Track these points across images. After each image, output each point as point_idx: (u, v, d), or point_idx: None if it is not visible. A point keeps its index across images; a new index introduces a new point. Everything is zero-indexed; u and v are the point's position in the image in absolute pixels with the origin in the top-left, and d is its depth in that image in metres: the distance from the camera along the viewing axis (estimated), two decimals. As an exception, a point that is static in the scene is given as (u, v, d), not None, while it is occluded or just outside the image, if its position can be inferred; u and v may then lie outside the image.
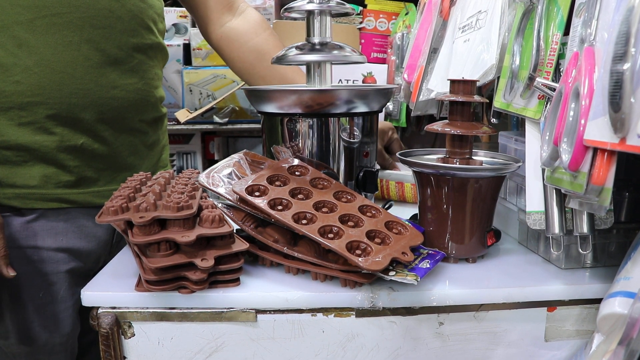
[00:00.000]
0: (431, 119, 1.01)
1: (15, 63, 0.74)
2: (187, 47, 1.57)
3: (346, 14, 0.79)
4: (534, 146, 0.60)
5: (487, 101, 0.71)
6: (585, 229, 0.54)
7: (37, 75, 0.75)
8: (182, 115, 1.49)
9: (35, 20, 0.74)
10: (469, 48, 0.75)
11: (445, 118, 0.69)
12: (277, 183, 0.67)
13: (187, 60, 1.57)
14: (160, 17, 0.92)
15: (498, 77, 0.68)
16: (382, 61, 1.36)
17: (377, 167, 0.86)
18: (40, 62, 0.75)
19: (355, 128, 0.75)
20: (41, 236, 0.79)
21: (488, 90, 0.81)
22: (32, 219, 0.78)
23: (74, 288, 0.81)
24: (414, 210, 0.72)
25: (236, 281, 0.59)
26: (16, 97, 0.75)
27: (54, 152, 0.78)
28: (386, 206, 0.87)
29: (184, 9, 1.34)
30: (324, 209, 0.63)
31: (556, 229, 0.57)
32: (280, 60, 0.77)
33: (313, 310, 0.58)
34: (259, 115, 0.80)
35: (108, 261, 0.70)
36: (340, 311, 0.58)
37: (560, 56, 0.58)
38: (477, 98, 0.65)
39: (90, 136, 0.81)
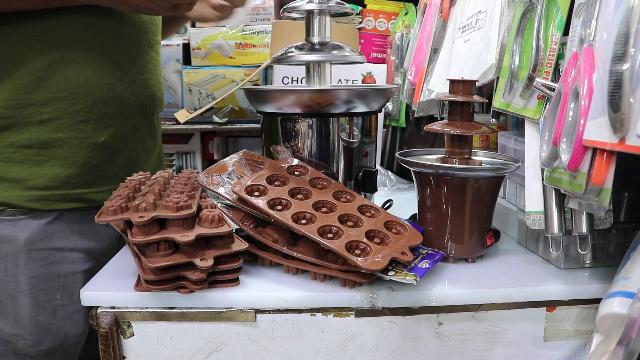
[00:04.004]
0: (431, 119, 1.01)
1: (39, 59, 0.74)
2: (186, 47, 1.57)
3: (346, 14, 0.79)
4: (533, 146, 0.60)
5: (487, 101, 0.71)
6: (584, 229, 0.54)
7: (63, 70, 0.75)
8: (182, 115, 1.49)
9: (60, 17, 0.74)
10: (469, 48, 0.75)
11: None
12: (277, 183, 0.67)
13: (187, 60, 1.57)
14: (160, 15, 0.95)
15: (497, 77, 0.68)
16: (382, 61, 1.35)
17: (377, 167, 0.85)
18: (66, 58, 0.75)
19: (354, 128, 0.75)
20: (57, 237, 0.79)
21: (488, 90, 0.82)
22: (49, 221, 0.78)
23: None
24: (414, 210, 0.72)
25: (235, 281, 0.59)
26: (39, 94, 0.74)
27: (76, 150, 0.78)
28: (386, 206, 0.87)
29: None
30: (324, 209, 0.63)
31: (555, 229, 0.57)
32: (280, 60, 0.77)
33: (312, 310, 0.58)
34: (259, 115, 0.80)
35: None
36: (339, 311, 0.58)
37: (560, 56, 0.58)
38: (476, 98, 0.65)
39: (111, 133, 0.81)
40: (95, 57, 0.78)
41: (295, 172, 0.69)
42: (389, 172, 1.18)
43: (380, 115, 1.25)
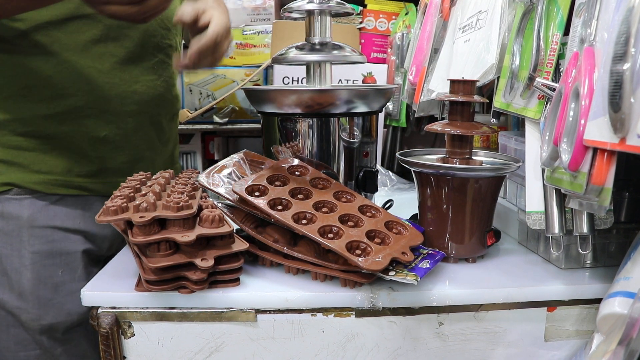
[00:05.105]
0: (431, 119, 1.01)
1: (47, 59, 0.78)
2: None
3: (346, 14, 0.79)
4: (533, 146, 0.60)
5: (487, 101, 0.71)
6: (585, 229, 0.54)
7: (68, 70, 0.79)
8: (182, 115, 1.49)
9: (67, 20, 0.79)
10: (470, 48, 0.75)
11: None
12: (277, 183, 0.67)
13: (187, 60, 1.57)
14: None
15: (498, 77, 0.68)
16: (382, 61, 1.35)
17: (377, 167, 0.85)
18: (71, 58, 0.80)
19: (355, 128, 0.75)
20: (60, 218, 0.83)
21: (488, 90, 0.81)
22: (52, 202, 0.83)
23: (89, 269, 0.86)
24: (414, 210, 0.72)
25: (236, 281, 0.59)
26: (46, 91, 0.79)
27: (78, 142, 0.82)
28: (386, 206, 0.87)
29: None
30: (324, 209, 0.63)
31: (556, 229, 0.57)
32: (280, 60, 0.77)
33: (313, 310, 0.58)
34: (259, 115, 0.80)
35: (120, 247, 0.74)
36: (340, 311, 0.58)
37: (560, 56, 0.58)
38: (477, 98, 0.65)
39: (113, 128, 0.85)
40: (97, 57, 0.81)
41: (296, 172, 0.69)
42: (389, 172, 1.18)
43: (381, 115, 1.25)
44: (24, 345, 0.82)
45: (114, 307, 0.58)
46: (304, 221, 0.61)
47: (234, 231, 0.59)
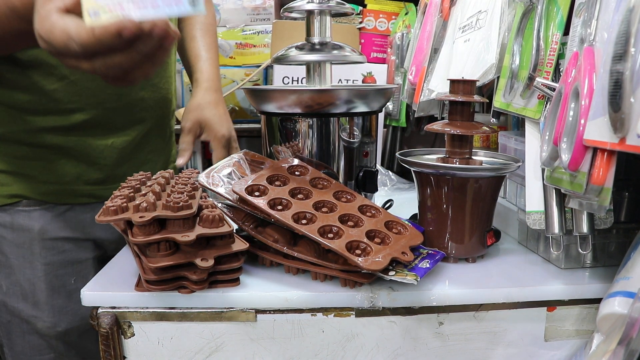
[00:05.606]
0: (431, 118, 1.01)
1: (52, 73, 0.77)
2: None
3: (346, 14, 0.79)
4: (533, 146, 0.60)
5: (487, 101, 0.71)
6: (584, 228, 0.54)
7: (74, 83, 0.79)
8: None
9: None
10: (469, 48, 0.75)
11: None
12: (277, 183, 0.67)
13: (187, 60, 1.57)
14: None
15: (498, 77, 0.68)
16: (382, 61, 1.35)
17: (377, 167, 0.85)
18: (76, 71, 0.78)
19: (355, 128, 0.75)
20: (70, 228, 0.84)
21: (488, 90, 0.82)
22: (61, 213, 0.83)
23: None
24: (414, 210, 0.72)
25: (236, 281, 0.59)
26: (54, 104, 0.78)
27: (86, 151, 0.83)
28: (386, 206, 0.87)
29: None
30: (324, 209, 0.63)
31: (556, 228, 0.57)
32: (280, 60, 0.77)
33: (313, 310, 0.58)
34: (259, 115, 0.80)
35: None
36: (340, 311, 0.58)
37: (560, 56, 0.58)
38: (477, 98, 0.65)
39: (120, 136, 0.85)
40: None
41: (296, 172, 0.69)
42: (389, 172, 1.18)
43: (381, 115, 1.25)
44: (39, 350, 0.83)
45: (114, 307, 0.58)
46: (304, 221, 0.61)
47: (234, 231, 0.59)
